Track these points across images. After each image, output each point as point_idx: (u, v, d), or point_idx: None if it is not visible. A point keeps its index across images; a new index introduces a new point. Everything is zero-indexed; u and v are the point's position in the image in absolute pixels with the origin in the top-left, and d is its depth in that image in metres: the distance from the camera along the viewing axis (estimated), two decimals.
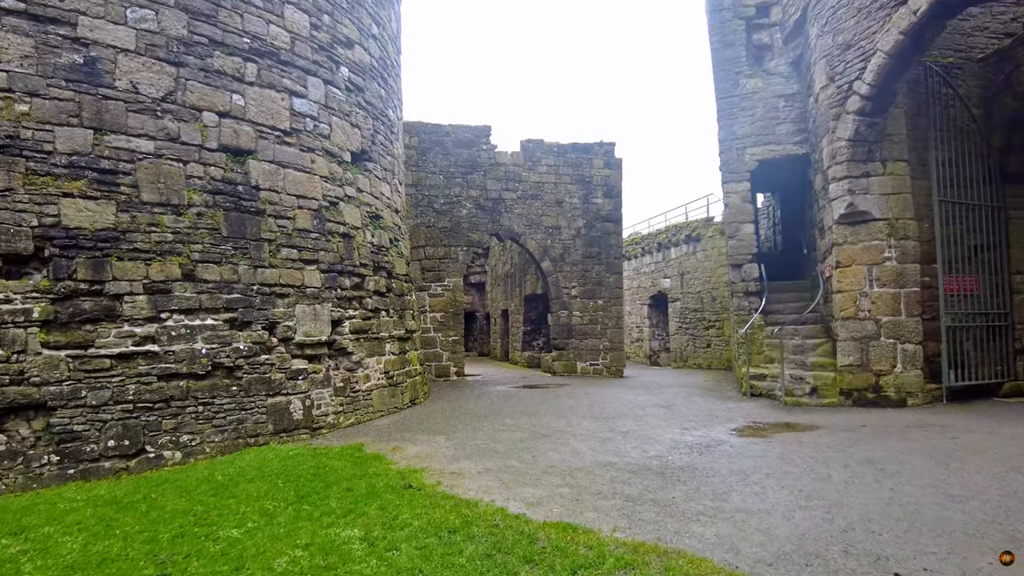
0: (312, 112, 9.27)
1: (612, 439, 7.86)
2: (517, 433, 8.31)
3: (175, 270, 7.35)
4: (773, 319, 12.27)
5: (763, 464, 6.46)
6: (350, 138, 10.08)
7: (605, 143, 17.55)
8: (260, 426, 7.88)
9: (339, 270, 9.31)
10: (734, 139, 12.60)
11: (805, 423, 8.86)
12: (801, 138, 12.13)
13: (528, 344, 21.89)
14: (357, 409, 9.40)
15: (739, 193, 12.57)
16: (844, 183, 10.06)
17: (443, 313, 16.03)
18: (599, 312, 17.35)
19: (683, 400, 11.51)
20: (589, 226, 17.37)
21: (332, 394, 8.92)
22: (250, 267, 8.04)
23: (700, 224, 22.14)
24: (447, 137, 16.32)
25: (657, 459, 6.75)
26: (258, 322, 8.04)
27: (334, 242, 9.31)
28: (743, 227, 12.56)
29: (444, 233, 16.23)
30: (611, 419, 9.36)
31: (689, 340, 22.76)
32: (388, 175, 11.54)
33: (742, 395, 11.82)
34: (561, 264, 17.18)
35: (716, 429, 8.52)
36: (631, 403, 11.18)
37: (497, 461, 6.72)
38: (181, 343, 7.29)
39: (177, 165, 7.55)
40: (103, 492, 5.77)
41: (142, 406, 6.91)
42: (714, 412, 9.99)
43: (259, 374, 7.96)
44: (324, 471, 6.29)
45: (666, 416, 9.65)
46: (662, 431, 8.39)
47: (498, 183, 16.65)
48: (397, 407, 10.46)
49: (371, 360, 9.88)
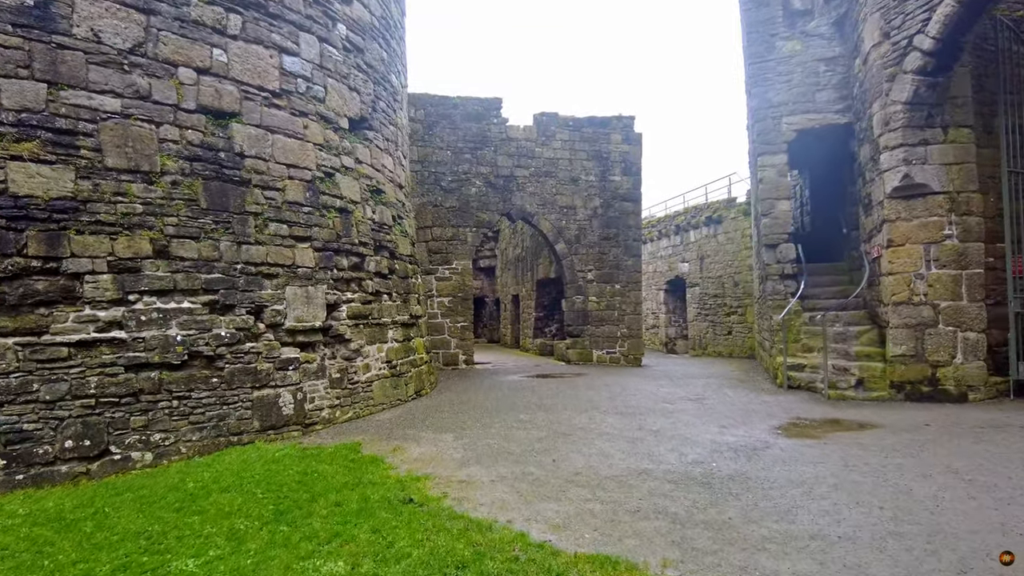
0: (305, 72, 8.30)
1: (642, 439, 6.92)
2: (534, 431, 7.39)
3: (145, 246, 6.45)
4: (810, 304, 11.25)
5: (825, 473, 5.50)
6: (348, 103, 9.10)
7: (624, 117, 16.45)
8: (244, 423, 7.00)
9: (335, 248, 8.38)
10: (769, 107, 11.50)
11: (857, 421, 7.89)
12: (843, 106, 11.03)
13: (540, 331, 20.95)
14: (356, 402, 8.51)
15: (775, 167, 11.49)
16: (898, 152, 8.98)
17: (451, 298, 15.10)
18: (616, 297, 16.36)
19: (713, 392, 10.55)
20: (606, 205, 16.33)
21: (327, 386, 8.03)
22: (233, 243, 7.13)
23: (722, 205, 21.04)
24: (455, 110, 15.29)
25: (699, 465, 5.81)
26: (242, 306, 7.14)
27: (330, 217, 8.37)
28: (779, 204, 11.50)
29: (452, 213, 15.25)
30: (637, 415, 8.42)
31: (709, 327, 21.75)
32: (391, 146, 10.57)
33: (777, 387, 10.84)
34: (576, 246, 16.17)
35: (758, 427, 7.56)
36: (656, 396, 10.23)
37: (512, 466, 5.80)
38: (152, 329, 6.40)
39: (148, 127, 6.62)
40: (51, 504, 4.90)
41: (106, 401, 6.03)
42: (751, 407, 9.03)
43: (243, 364, 7.07)
44: (312, 478, 5.40)
45: (698, 411, 8.70)
46: (698, 430, 7.44)
47: (509, 159, 15.62)
48: (401, 399, 9.56)
49: (371, 348, 8.97)
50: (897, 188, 9.03)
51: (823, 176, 13.10)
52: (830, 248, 12.94)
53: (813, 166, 12.62)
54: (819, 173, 13.06)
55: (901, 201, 9.08)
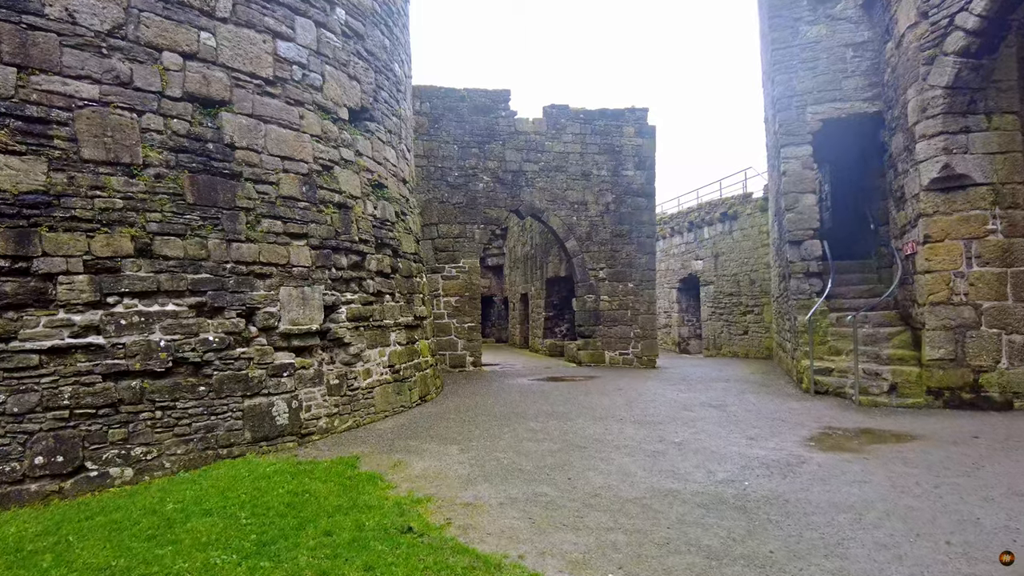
0: (301, 59, 7.78)
1: (664, 453, 6.36)
2: (546, 443, 6.85)
3: (126, 244, 5.95)
4: (836, 304, 10.64)
5: (872, 495, 4.93)
6: (347, 92, 8.58)
7: (637, 109, 15.85)
8: (235, 434, 6.50)
9: (334, 246, 7.87)
10: (792, 96, 10.88)
11: (894, 431, 7.29)
12: (872, 94, 10.39)
13: (550, 331, 20.40)
14: (356, 410, 8.00)
15: (799, 159, 10.86)
16: (937, 141, 8.36)
17: (458, 297, 14.57)
18: (629, 296, 15.78)
19: (735, 398, 9.96)
20: (619, 201, 15.74)
21: (325, 393, 7.52)
22: (222, 241, 6.62)
23: (737, 201, 20.39)
24: (462, 103, 14.75)
25: (730, 485, 5.25)
26: (232, 308, 6.63)
27: (327, 213, 7.86)
28: (803, 198, 10.87)
29: (459, 209, 14.71)
30: (657, 424, 7.86)
31: (723, 326, 21.12)
32: (394, 139, 10.04)
33: (803, 392, 10.24)
34: (587, 243, 15.60)
35: (788, 439, 6.98)
36: (675, 402, 9.66)
37: (524, 486, 5.26)
38: (134, 334, 5.91)
39: (129, 116, 6.12)
40: (12, 531, 4.41)
41: (82, 413, 5.54)
42: (777, 414, 8.45)
43: (233, 371, 6.57)
44: (302, 500, 4.88)
45: (721, 420, 8.13)
46: (723, 441, 6.88)
47: (518, 153, 15.06)
48: (404, 406, 9.05)
49: (373, 352, 8.45)
50: (935, 180, 8.41)
51: (847, 169, 12.47)
52: (855, 245, 12.31)
53: (837, 159, 12.01)
54: (843, 166, 12.43)
55: (939, 194, 8.45)
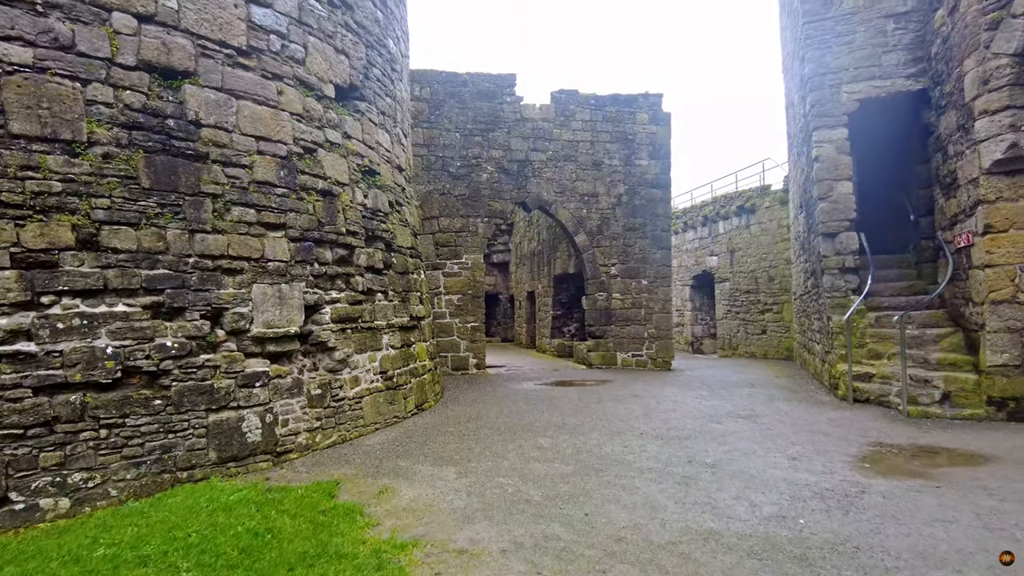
0: (279, 27, 6.89)
1: (696, 478, 5.42)
2: (557, 464, 5.93)
3: (66, 234, 5.08)
4: (873, 303, 9.66)
5: (965, 541, 3.98)
6: (334, 67, 7.69)
7: (651, 95, 14.87)
8: (197, 454, 5.62)
9: (316, 238, 6.98)
10: (826, 74, 9.89)
11: (958, 449, 6.33)
12: (916, 69, 9.39)
13: (558, 331, 19.47)
14: (341, 423, 7.10)
15: (833, 142, 9.87)
16: (1002, 117, 7.36)
17: (460, 295, 13.66)
18: (643, 294, 14.82)
19: (764, 406, 9.01)
20: (631, 192, 14.77)
21: (305, 405, 6.62)
22: (184, 232, 5.74)
23: (755, 193, 19.38)
24: (464, 88, 13.81)
25: (781, 523, 4.31)
26: (195, 308, 5.75)
27: (309, 201, 6.97)
28: (838, 186, 9.89)
29: (461, 201, 13.80)
30: (682, 439, 6.93)
31: (740, 325, 20.13)
32: (388, 121, 9.14)
33: (839, 399, 9.27)
34: (598, 238, 14.65)
35: (836, 458, 6.03)
36: (699, 411, 8.72)
37: (531, 525, 4.34)
38: (73, 339, 5.03)
39: (71, 85, 5.24)
40: None
41: (6, 434, 4.67)
42: (815, 426, 7.50)
43: (196, 381, 5.68)
44: (262, 543, 3.99)
45: (755, 434, 7.18)
46: (762, 462, 5.93)
47: (524, 142, 14.12)
48: (398, 416, 8.15)
49: (361, 357, 7.55)
50: (999, 161, 7.42)
51: (881, 155, 11.45)
52: (889, 238, 11.30)
53: (870, 143, 10.99)
54: (876, 151, 11.40)
55: (1004, 177, 7.47)
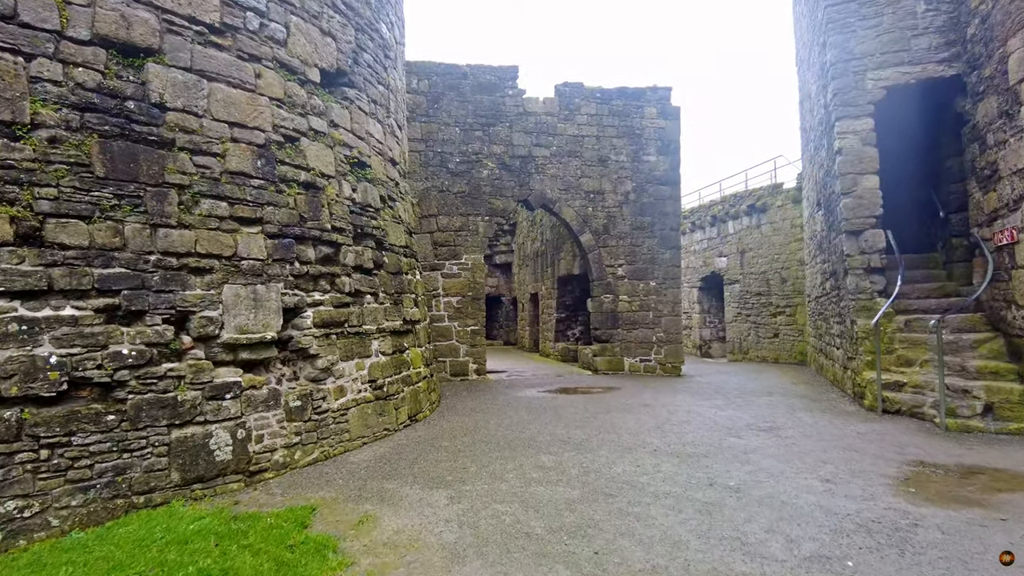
0: (258, 4, 6.29)
1: (720, 506, 4.77)
2: (561, 487, 5.28)
3: (3, 228, 4.47)
4: (900, 305, 8.99)
5: None
6: (319, 50, 7.07)
7: (659, 88, 14.22)
8: (157, 476, 4.99)
9: (298, 235, 6.35)
10: (850, 60, 9.23)
11: (1010, 470, 5.66)
12: (950, 54, 8.74)
13: (562, 334, 18.81)
14: (324, 437, 6.47)
15: (858, 133, 9.21)
16: None
17: (460, 297, 13.03)
18: (651, 296, 14.16)
19: (785, 417, 8.34)
20: (639, 190, 14.12)
21: (282, 418, 5.99)
22: (145, 226, 5.13)
23: (766, 192, 18.71)
24: (464, 80, 13.20)
25: (827, 566, 3.65)
26: (157, 312, 5.13)
27: (290, 194, 6.35)
28: (863, 180, 9.21)
29: (461, 199, 13.17)
30: (700, 457, 6.27)
31: (751, 328, 19.44)
32: (380, 111, 8.52)
33: (865, 409, 8.60)
34: (605, 237, 14.00)
35: (875, 480, 5.37)
36: (715, 423, 8.05)
37: (532, 567, 3.70)
38: (10, 347, 4.42)
39: (11, 60, 4.65)
40: None
41: None
42: (845, 441, 6.83)
43: (157, 393, 5.06)
44: None
45: (779, 450, 6.52)
46: (792, 485, 5.27)
47: (527, 137, 13.49)
48: (388, 429, 7.51)
49: (348, 365, 6.92)
50: None
51: (906, 147, 10.76)
52: (914, 236, 10.65)
53: (895, 135, 10.28)
54: (901, 144, 10.68)
55: None
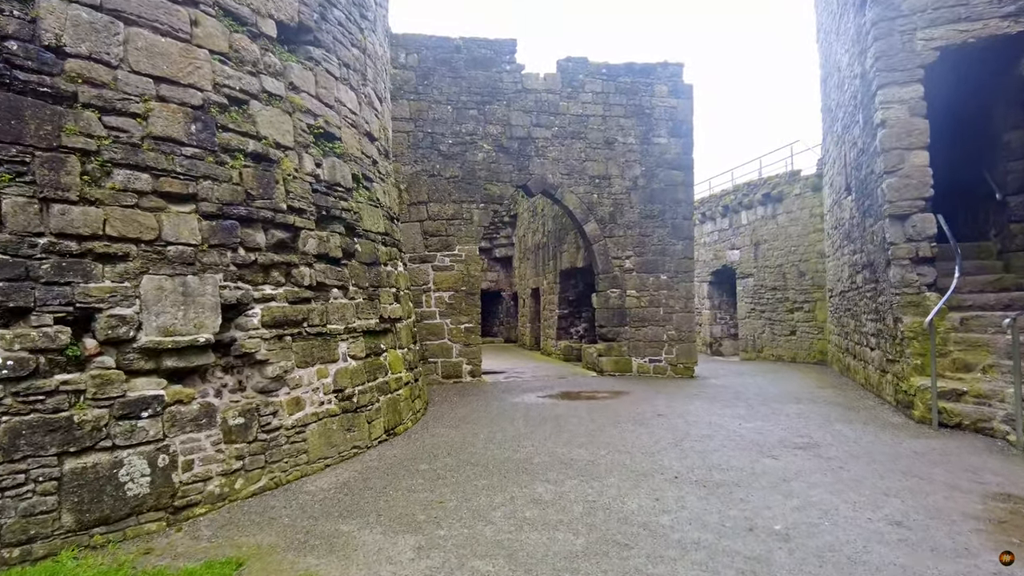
0: None
1: (769, 564, 3.63)
2: (561, 533, 4.15)
3: None
4: (953, 300, 7.81)
5: None
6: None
7: (670, 64, 13.03)
8: (39, 521, 3.88)
9: (243, 216, 5.23)
10: (896, 17, 8.03)
11: None
12: (1016, 7, 7.53)
13: (564, 331, 17.68)
14: (274, 461, 5.35)
15: (905, 102, 8.02)
16: None
17: (453, 292, 11.90)
18: (662, 291, 13.01)
19: (822, 430, 7.18)
20: (649, 175, 12.95)
21: (219, 439, 4.88)
22: (31, 200, 4.02)
23: (783, 180, 17.49)
24: (457, 55, 12.03)
25: None
26: (47, 309, 4.03)
27: (235, 167, 5.22)
28: (911, 156, 8.02)
29: (454, 184, 12.02)
30: (732, 486, 5.12)
31: (765, 325, 18.26)
32: (353, 77, 7.38)
33: (914, 421, 7.45)
34: (611, 227, 12.84)
35: (960, 524, 4.23)
36: (742, 438, 6.91)
37: None
38: None
39: None
40: None
41: None
42: (901, 463, 5.68)
43: (44, 413, 3.96)
44: None
45: (826, 476, 5.37)
46: (855, 530, 4.13)
47: (526, 116, 12.32)
48: (359, 447, 6.39)
49: (306, 372, 5.80)
50: None
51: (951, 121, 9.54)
52: (961, 222, 9.46)
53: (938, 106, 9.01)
54: (944, 117, 9.40)
55: None
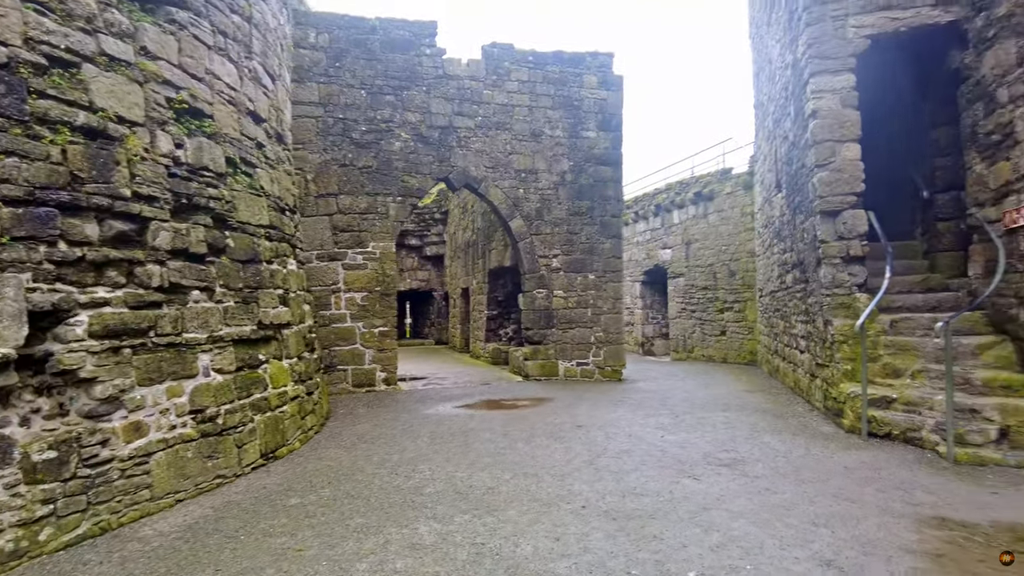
0: None
1: None
2: None
3: None
4: (883, 301, 7.50)
5: None
6: None
7: (600, 54, 12.49)
8: None
9: (66, 203, 4.23)
10: (827, 2, 7.67)
11: None
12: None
13: (493, 333, 16.97)
14: (102, 501, 4.37)
15: (837, 92, 7.66)
16: None
17: (366, 293, 10.96)
18: (590, 291, 12.46)
19: (749, 443, 6.71)
20: (577, 170, 12.37)
21: (17, 480, 3.88)
22: None
23: (714, 178, 17.32)
24: (372, 36, 11.10)
25: None
26: None
27: (57, 142, 4.22)
28: (843, 149, 7.66)
29: (367, 176, 11.09)
30: (645, 518, 4.49)
31: (696, 325, 18.08)
32: (234, 48, 6.41)
33: (844, 431, 7.08)
34: (538, 223, 12.20)
35: (898, 561, 3.72)
36: (663, 454, 6.34)
37: None
38: None
39: None
40: None
41: None
42: (833, 483, 5.21)
43: None
44: None
45: (751, 501, 4.82)
46: (781, 574, 3.55)
47: (448, 104, 11.51)
48: (224, 476, 5.45)
49: (152, 391, 4.83)
50: None
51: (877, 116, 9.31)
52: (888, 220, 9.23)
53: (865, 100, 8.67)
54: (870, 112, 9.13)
55: None
